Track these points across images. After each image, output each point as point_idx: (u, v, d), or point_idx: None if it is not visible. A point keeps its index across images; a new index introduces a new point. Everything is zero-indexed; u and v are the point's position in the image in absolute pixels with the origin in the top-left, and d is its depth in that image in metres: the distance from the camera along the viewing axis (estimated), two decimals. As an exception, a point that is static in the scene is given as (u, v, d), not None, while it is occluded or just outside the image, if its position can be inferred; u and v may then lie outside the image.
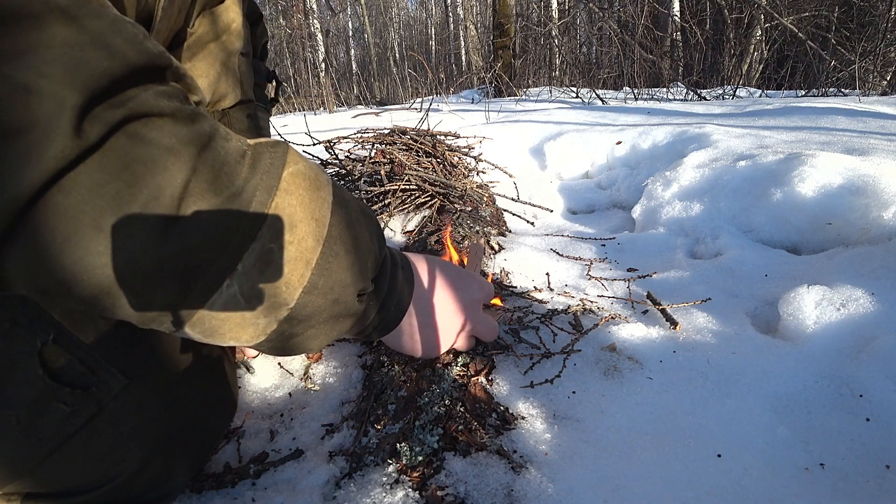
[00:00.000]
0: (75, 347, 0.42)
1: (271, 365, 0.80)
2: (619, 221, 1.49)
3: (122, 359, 0.45)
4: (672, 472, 0.53)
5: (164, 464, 0.49)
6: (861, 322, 0.71)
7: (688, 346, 0.74)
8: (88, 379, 0.43)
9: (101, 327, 0.44)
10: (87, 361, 0.43)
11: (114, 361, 0.44)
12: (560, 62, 5.89)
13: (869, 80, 4.21)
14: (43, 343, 0.40)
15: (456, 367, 0.65)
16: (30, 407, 0.40)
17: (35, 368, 0.40)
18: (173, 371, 0.50)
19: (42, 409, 0.40)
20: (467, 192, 1.32)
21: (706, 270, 0.99)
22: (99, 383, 0.43)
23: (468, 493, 0.49)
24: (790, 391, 0.64)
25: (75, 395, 0.42)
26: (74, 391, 0.42)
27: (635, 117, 2.21)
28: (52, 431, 0.41)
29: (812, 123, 1.71)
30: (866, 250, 0.88)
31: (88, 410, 0.42)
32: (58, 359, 0.41)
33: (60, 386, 0.41)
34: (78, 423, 0.42)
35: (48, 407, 0.41)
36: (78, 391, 0.42)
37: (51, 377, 0.41)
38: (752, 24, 5.10)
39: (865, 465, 0.54)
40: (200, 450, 0.56)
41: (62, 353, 0.41)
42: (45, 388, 0.40)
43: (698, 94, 3.71)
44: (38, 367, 0.40)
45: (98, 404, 0.43)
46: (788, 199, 1.08)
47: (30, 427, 0.40)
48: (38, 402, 0.40)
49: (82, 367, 0.42)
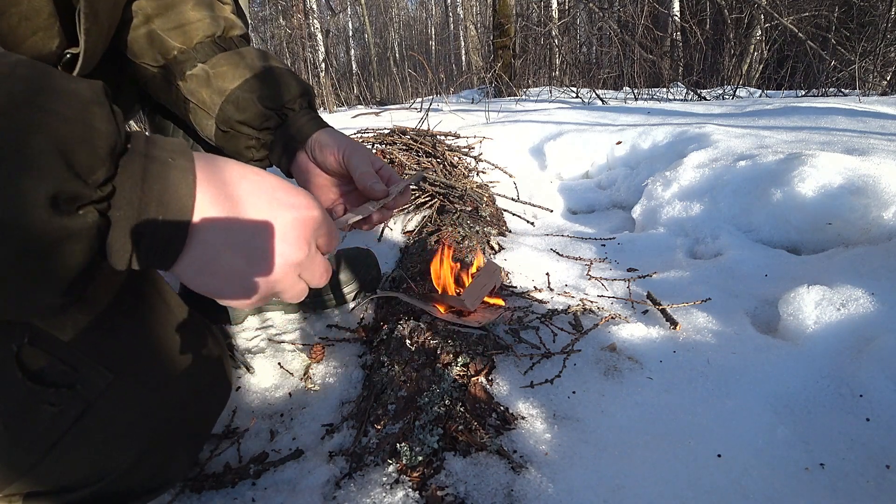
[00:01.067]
0: (54, 347, 0.41)
1: (271, 365, 0.80)
2: (619, 221, 1.49)
3: (104, 353, 0.44)
4: (672, 472, 0.53)
5: (160, 454, 0.49)
6: (861, 322, 0.71)
7: (688, 346, 0.74)
8: (72, 377, 0.41)
9: (79, 322, 0.42)
10: (69, 360, 0.41)
11: (96, 357, 0.43)
12: (560, 62, 5.89)
13: (869, 80, 4.21)
14: (19, 346, 0.39)
15: (456, 367, 0.65)
16: (16, 412, 0.39)
17: (14, 373, 0.39)
18: (159, 360, 0.48)
19: (28, 412, 0.39)
20: (467, 192, 1.32)
21: (706, 270, 0.99)
22: (83, 380, 0.42)
23: (468, 493, 0.49)
24: (790, 391, 0.64)
25: (60, 394, 0.41)
26: (59, 391, 0.41)
27: (635, 117, 2.21)
28: (41, 433, 0.40)
29: (812, 123, 1.71)
30: (866, 250, 0.88)
31: (76, 409, 0.41)
32: (37, 360, 0.40)
33: (44, 387, 0.40)
34: (67, 422, 0.41)
35: (34, 410, 0.40)
36: (63, 390, 0.41)
37: (32, 380, 0.39)
38: (752, 24, 5.10)
39: (865, 465, 0.54)
40: (196, 436, 0.56)
41: (41, 354, 0.40)
42: (28, 391, 0.39)
43: (698, 94, 3.71)
44: (17, 372, 0.39)
45: (85, 402, 0.42)
46: (788, 199, 1.08)
47: (19, 431, 0.39)
48: (23, 407, 0.39)
49: (64, 366, 0.41)
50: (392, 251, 1.17)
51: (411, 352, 0.69)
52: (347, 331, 0.89)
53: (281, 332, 0.89)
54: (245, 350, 0.83)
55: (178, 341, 0.51)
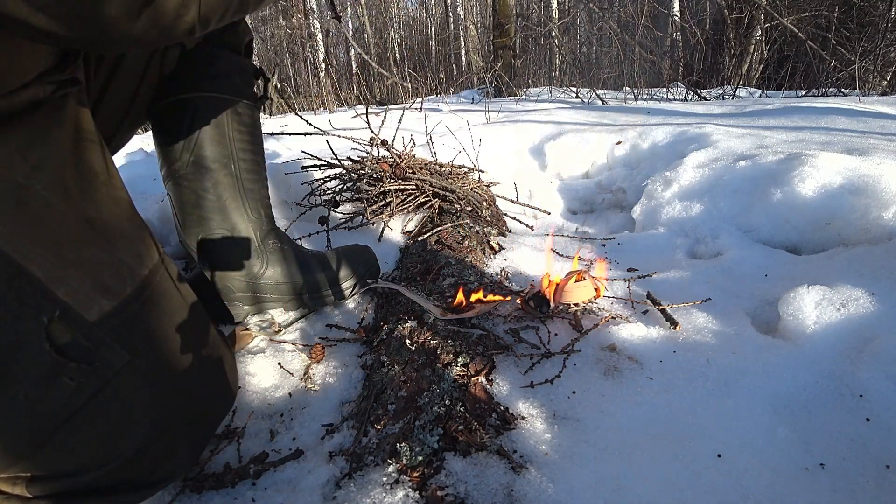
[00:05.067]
0: (80, 324, 0.44)
1: (271, 365, 0.80)
2: (619, 221, 1.49)
3: (124, 336, 0.47)
4: (672, 472, 0.53)
5: (166, 444, 0.51)
6: (861, 322, 0.71)
7: (688, 346, 0.74)
8: (93, 354, 0.44)
9: (103, 306, 0.45)
10: (91, 337, 0.44)
11: (116, 338, 0.46)
12: (560, 62, 5.88)
13: (869, 80, 4.21)
14: (49, 320, 0.42)
15: (456, 367, 0.65)
16: (38, 382, 0.42)
17: (42, 343, 0.42)
18: (173, 350, 0.52)
19: (49, 383, 0.42)
20: (467, 193, 1.32)
21: (706, 270, 0.99)
22: (102, 359, 0.45)
23: (468, 493, 0.49)
24: (790, 391, 0.64)
25: (80, 369, 0.43)
26: (80, 366, 0.43)
27: (635, 117, 2.21)
28: (57, 406, 0.43)
29: (812, 123, 1.71)
30: (866, 250, 0.88)
31: (92, 386, 0.44)
32: (63, 335, 0.43)
33: (66, 360, 0.43)
34: (82, 398, 0.44)
35: (55, 382, 0.42)
36: (83, 366, 0.44)
37: (57, 352, 0.42)
38: (752, 24, 5.10)
39: (865, 465, 0.54)
40: (201, 433, 0.58)
41: (67, 330, 0.43)
42: (52, 362, 0.42)
43: (698, 94, 3.71)
44: (45, 342, 0.42)
45: (102, 380, 0.45)
46: (788, 199, 1.08)
47: (36, 401, 0.42)
48: (45, 377, 0.42)
49: (87, 343, 0.44)
50: (392, 251, 1.17)
51: (411, 352, 0.69)
52: (347, 331, 0.89)
53: (281, 332, 0.89)
54: (245, 350, 0.83)
55: (192, 336, 0.54)
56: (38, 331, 0.41)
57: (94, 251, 0.46)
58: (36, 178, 0.43)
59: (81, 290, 0.44)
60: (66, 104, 0.48)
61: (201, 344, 0.56)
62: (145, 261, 0.52)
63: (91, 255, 0.46)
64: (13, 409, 0.41)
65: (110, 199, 0.50)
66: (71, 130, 0.48)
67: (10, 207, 0.41)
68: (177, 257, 1.10)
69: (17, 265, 0.40)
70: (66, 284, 0.43)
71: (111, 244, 0.48)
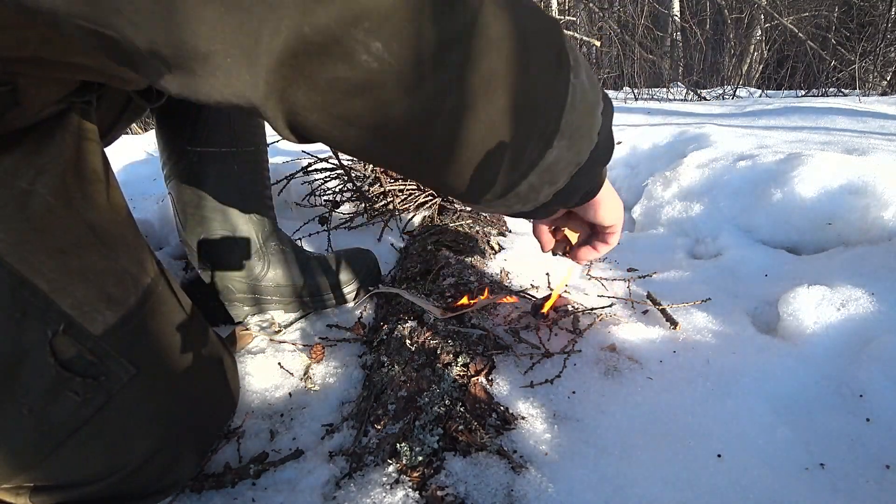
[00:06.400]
0: (85, 338, 0.43)
1: (271, 365, 0.80)
2: (619, 221, 1.48)
3: (129, 348, 0.46)
4: (672, 472, 0.53)
5: (170, 454, 0.50)
6: (861, 322, 0.71)
7: (688, 346, 0.74)
8: (98, 368, 0.44)
9: (108, 319, 0.45)
10: (97, 351, 0.44)
11: (121, 351, 0.45)
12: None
13: (869, 80, 4.21)
14: (53, 333, 0.41)
15: (456, 367, 0.65)
16: (42, 396, 0.41)
17: (46, 357, 0.41)
18: (179, 362, 0.51)
19: (54, 398, 0.41)
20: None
21: (706, 270, 0.99)
22: (108, 373, 0.44)
23: (468, 493, 0.49)
24: (790, 391, 0.64)
25: (86, 384, 0.43)
26: (85, 380, 0.43)
27: (635, 117, 2.21)
28: (63, 420, 0.42)
29: (812, 123, 1.71)
30: (866, 250, 0.88)
31: (98, 400, 0.44)
32: (68, 349, 0.42)
33: (71, 375, 0.42)
34: (88, 412, 0.43)
35: (60, 396, 0.42)
36: (88, 380, 0.43)
37: (62, 366, 0.42)
38: (752, 24, 5.10)
39: (865, 465, 0.54)
40: (205, 440, 0.57)
41: (72, 343, 0.42)
42: (57, 377, 0.41)
43: (698, 94, 3.71)
44: (49, 356, 0.41)
45: (107, 394, 0.44)
46: (788, 199, 1.08)
47: (42, 416, 0.41)
48: (50, 392, 0.41)
49: (92, 357, 0.43)
50: (392, 252, 1.17)
51: (411, 352, 0.69)
52: (347, 331, 0.89)
53: (281, 332, 0.89)
54: (245, 350, 0.83)
55: (194, 344, 0.54)
56: (42, 344, 0.41)
57: (97, 258, 0.46)
58: (40, 182, 0.42)
59: (86, 301, 0.43)
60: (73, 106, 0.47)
61: (203, 352, 0.56)
62: (147, 268, 0.51)
63: (94, 263, 0.45)
64: (17, 422, 0.40)
65: (110, 203, 0.50)
66: (74, 130, 0.47)
67: (14, 214, 0.40)
68: (177, 257, 1.10)
69: (21, 276, 0.40)
70: (70, 295, 0.42)
71: (113, 251, 0.48)
